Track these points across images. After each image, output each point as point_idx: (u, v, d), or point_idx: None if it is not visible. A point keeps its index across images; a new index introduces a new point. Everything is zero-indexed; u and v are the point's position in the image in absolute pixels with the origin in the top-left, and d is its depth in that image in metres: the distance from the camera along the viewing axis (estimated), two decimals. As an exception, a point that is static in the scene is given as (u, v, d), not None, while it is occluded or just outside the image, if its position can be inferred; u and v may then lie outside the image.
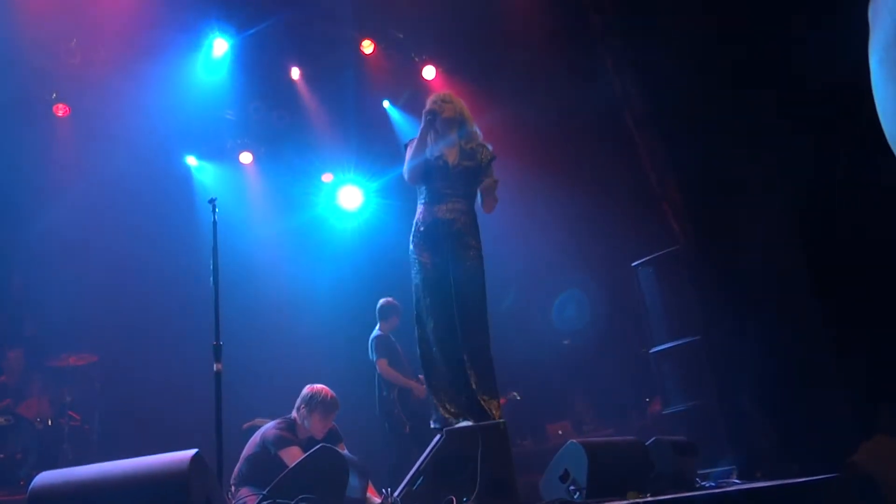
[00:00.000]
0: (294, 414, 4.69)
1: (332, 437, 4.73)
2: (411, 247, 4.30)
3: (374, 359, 6.34)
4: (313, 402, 4.61)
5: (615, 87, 5.69)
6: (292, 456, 4.27)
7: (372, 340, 6.42)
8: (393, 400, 6.25)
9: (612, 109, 5.95)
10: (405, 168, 4.36)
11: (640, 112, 5.50)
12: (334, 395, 4.71)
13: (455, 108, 4.41)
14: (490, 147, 4.46)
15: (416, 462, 4.04)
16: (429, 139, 4.32)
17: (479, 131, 4.50)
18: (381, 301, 6.55)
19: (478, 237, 4.29)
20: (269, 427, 4.63)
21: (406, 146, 4.44)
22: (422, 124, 4.34)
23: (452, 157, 4.32)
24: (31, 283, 7.26)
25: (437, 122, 4.34)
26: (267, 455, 4.44)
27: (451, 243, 4.17)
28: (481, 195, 4.35)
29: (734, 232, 4.75)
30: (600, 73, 5.95)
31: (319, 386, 4.71)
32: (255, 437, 4.64)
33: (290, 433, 4.51)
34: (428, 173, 4.28)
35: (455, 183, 4.28)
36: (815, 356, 4.12)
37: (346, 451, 4.48)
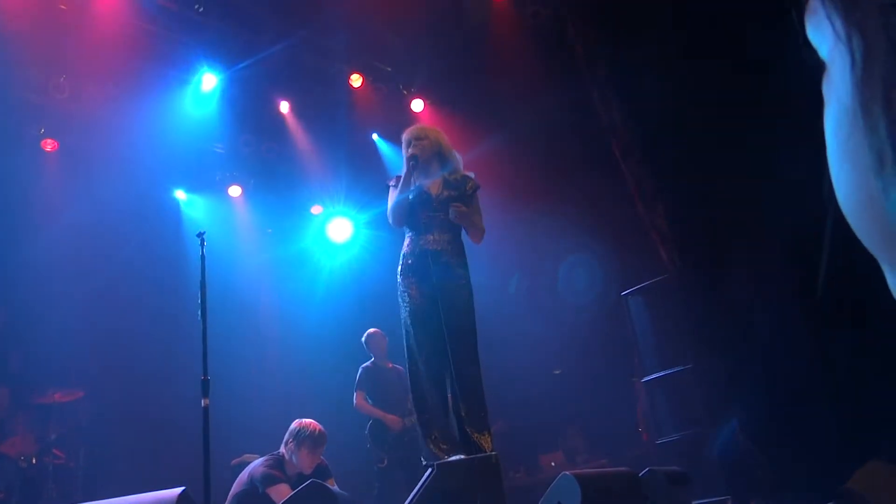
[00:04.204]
0: (282, 449, 4.63)
1: (322, 472, 4.66)
2: (399, 279, 4.25)
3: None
4: (301, 436, 4.56)
5: (601, 118, 5.76)
6: (280, 494, 4.20)
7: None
8: (365, 434, 6.20)
9: (600, 139, 6.01)
10: (388, 211, 4.35)
11: (626, 142, 5.56)
12: (322, 429, 4.66)
13: (432, 143, 4.37)
14: (473, 176, 4.43)
15: (398, 495, 3.98)
16: (412, 180, 4.31)
17: (460, 158, 4.48)
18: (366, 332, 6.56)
19: (465, 266, 4.24)
20: (256, 464, 4.56)
21: (389, 187, 4.43)
22: (404, 169, 4.32)
23: (436, 188, 4.31)
24: (17, 318, 7.18)
25: (419, 163, 4.32)
26: (255, 493, 4.37)
27: (439, 274, 4.12)
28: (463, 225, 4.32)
29: (723, 260, 4.77)
30: (587, 103, 6.02)
31: (307, 420, 4.67)
32: (244, 475, 4.57)
33: (278, 470, 4.45)
34: (411, 209, 4.25)
35: (439, 213, 4.24)
36: (807, 384, 4.12)
37: (335, 487, 4.42)
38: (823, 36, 0.58)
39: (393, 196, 4.34)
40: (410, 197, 4.27)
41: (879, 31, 0.49)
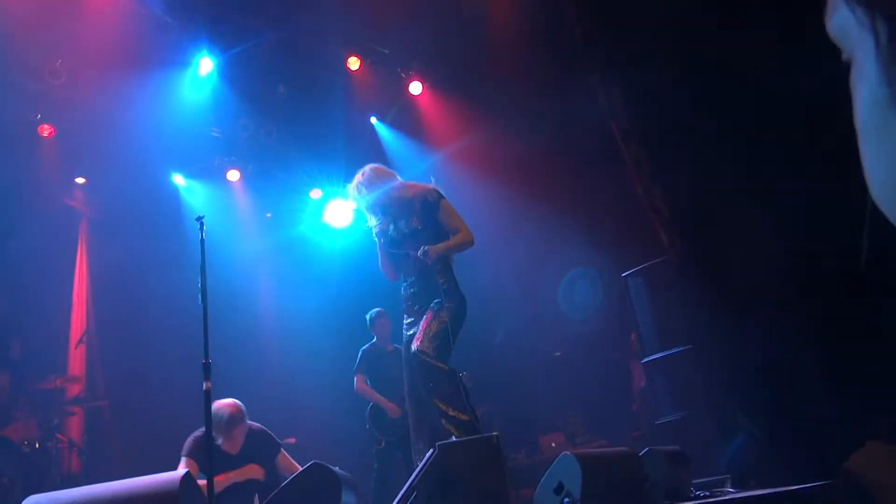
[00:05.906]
0: None
1: (257, 448, 4.56)
2: None
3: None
4: (214, 422, 4.22)
5: (601, 100, 5.74)
6: (183, 465, 4.19)
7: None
8: (365, 416, 6.23)
9: (599, 122, 5.99)
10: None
11: (625, 124, 5.54)
12: (233, 409, 4.46)
13: (365, 196, 4.50)
14: (432, 184, 4.46)
15: (401, 476, 4.03)
16: (381, 242, 4.48)
17: (404, 182, 4.53)
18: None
19: (444, 290, 4.24)
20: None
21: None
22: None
23: (396, 231, 4.42)
24: (17, 304, 7.19)
25: (376, 225, 4.48)
26: None
27: (419, 310, 4.27)
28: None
29: (722, 242, 4.77)
30: (587, 85, 5.99)
31: (218, 403, 4.42)
32: None
33: (194, 443, 4.33)
34: (392, 258, 4.42)
35: (408, 246, 4.34)
36: (805, 364, 4.13)
37: (336, 468, 4.43)
38: (847, 29, 0.57)
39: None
40: (388, 255, 4.47)
41: None
